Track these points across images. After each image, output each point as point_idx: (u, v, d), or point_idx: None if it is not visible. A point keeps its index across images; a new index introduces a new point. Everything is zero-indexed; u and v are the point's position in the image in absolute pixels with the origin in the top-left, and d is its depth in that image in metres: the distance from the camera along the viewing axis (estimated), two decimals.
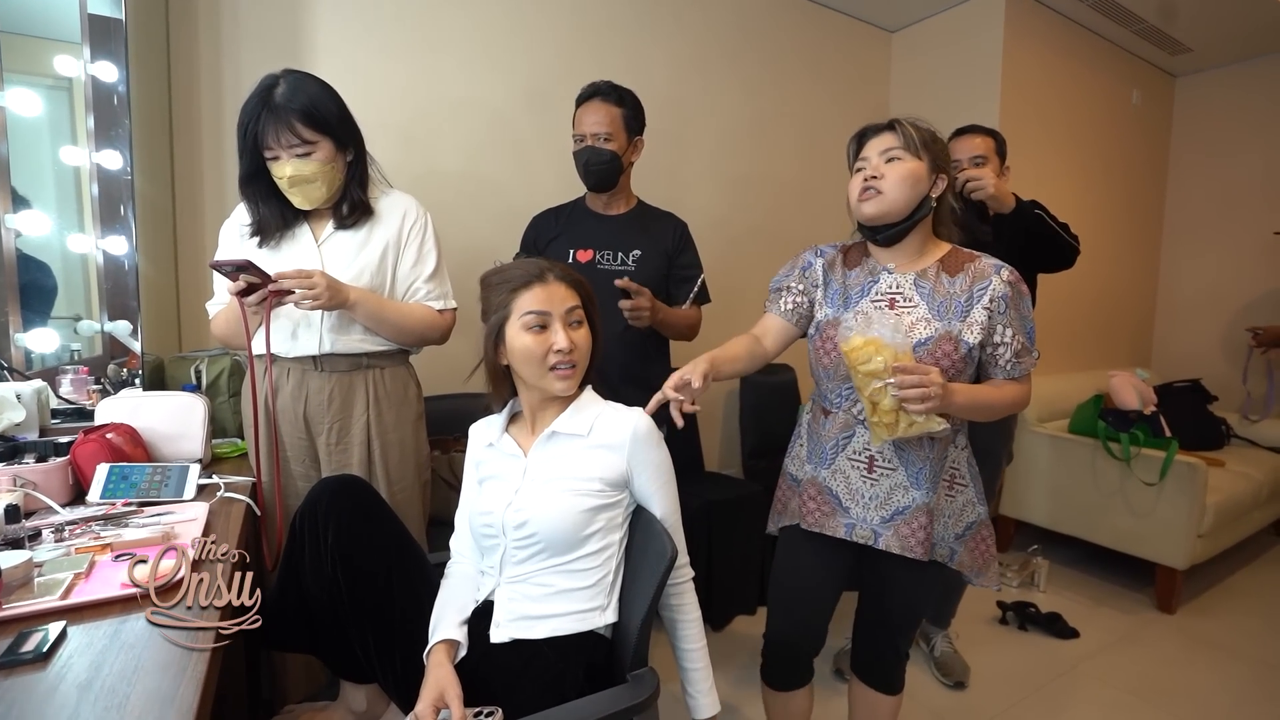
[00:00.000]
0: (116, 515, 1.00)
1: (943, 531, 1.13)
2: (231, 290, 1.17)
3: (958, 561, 1.14)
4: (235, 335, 1.26)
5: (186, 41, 1.77)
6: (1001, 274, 1.07)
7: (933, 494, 1.10)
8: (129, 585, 0.77)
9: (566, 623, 0.94)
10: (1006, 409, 1.10)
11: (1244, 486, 2.53)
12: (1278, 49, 3.30)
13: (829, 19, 2.99)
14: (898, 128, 1.09)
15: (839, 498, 1.16)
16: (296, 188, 1.22)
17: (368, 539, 0.98)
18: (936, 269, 1.10)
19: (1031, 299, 1.73)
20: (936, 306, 1.08)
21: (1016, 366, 1.08)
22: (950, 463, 1.13)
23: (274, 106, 1.18)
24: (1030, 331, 1.10)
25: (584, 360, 1.01)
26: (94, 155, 1.62)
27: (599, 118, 1.57)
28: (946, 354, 1.04)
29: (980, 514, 1.16)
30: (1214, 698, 1.85)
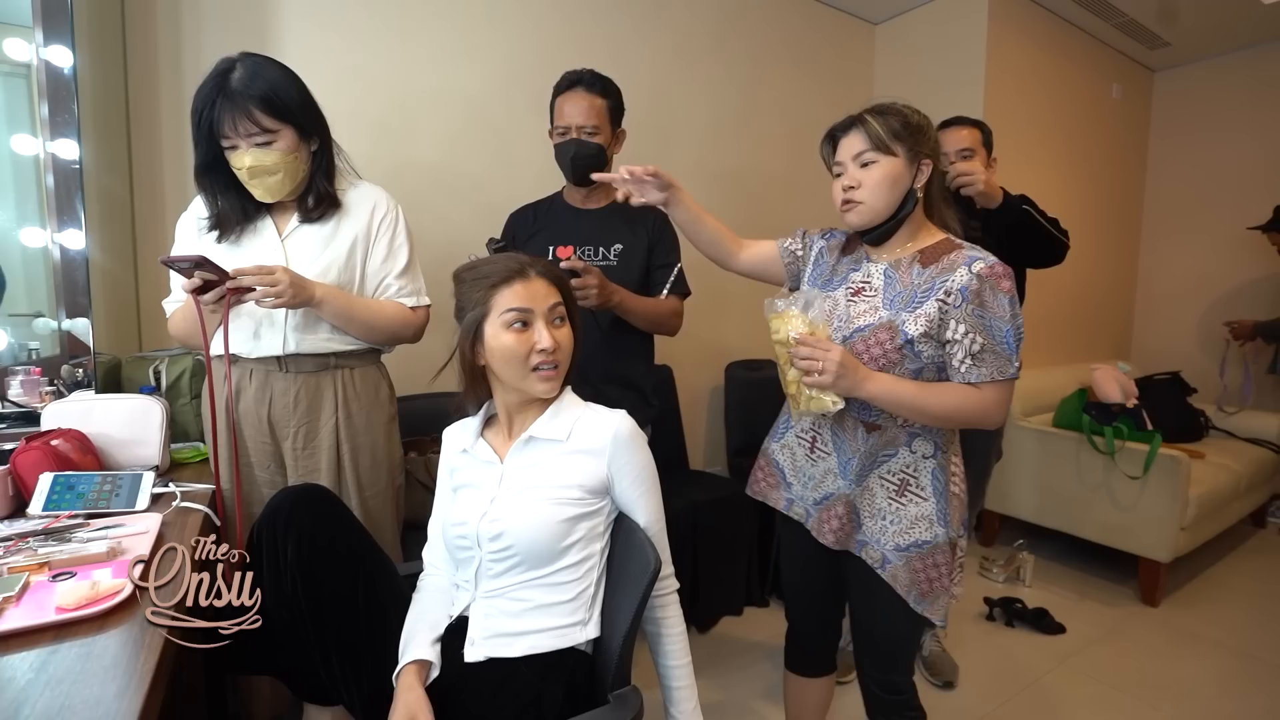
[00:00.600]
0: (59, 529, 0.93)
1: (878, 534, 1.07)
2: (186, 288, 1.09)
3: (889, 573, 1.05)
4: (194, 334, 1.19)
5: (143, 24, 1.68)
6: (973, 266, 0.97)
7: (857, 487, 1.08)
8: (64, 610, 0.70)
9: (545, 639, 0.89)
10: (947, 415, 0.99)
11: (1224, 478, 2.55)
12: (1253, 43, 3.32)
13: (812, 10, 2.95)
14: (863, 126, 1.02)
15: (783, 472, 1.17)
16: (257, 179, 1.15)
17: (331, 553, 0.92)
18: (911, 259, 1.04)
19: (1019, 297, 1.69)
20: (892, 296, 1.03)
21: (973, 370, 0.97)
22: (901, 465, 1.06)
23: (231, 93, 1.10)
24: (1005, 334, 0.97)
25: (567, 361, 0.96)
26: (48, 145, 1.53)
27: (583, 108, 1.50)
28: (880, 342, 1.00)
29: (938, 536, 1.04)
30: (1199, 690, 1.85)
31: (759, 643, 2.04)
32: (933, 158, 1.03)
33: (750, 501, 1.27)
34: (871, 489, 1.08)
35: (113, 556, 0.87)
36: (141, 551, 0.88)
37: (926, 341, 0.99)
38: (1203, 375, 3.34)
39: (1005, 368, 0.97)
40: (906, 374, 1.01)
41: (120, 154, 1.69)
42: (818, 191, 3.05)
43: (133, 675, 0.62)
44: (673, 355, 2.52)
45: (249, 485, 1.24)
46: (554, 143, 1.55)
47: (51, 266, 1.57)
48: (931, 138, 1.04)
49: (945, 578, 1.06)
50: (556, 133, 1.54)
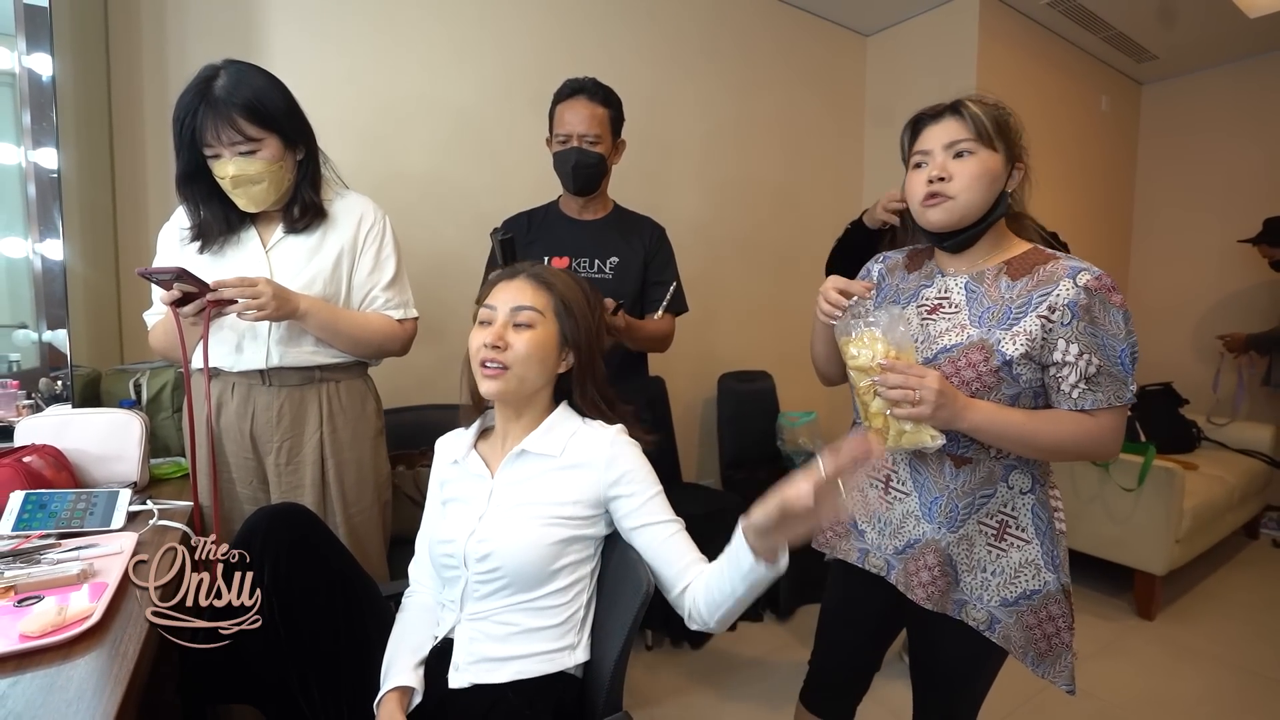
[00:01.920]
0: (28, 550, 0.89)
1: (979, 589, 0.93)
2: (165, 300, 1.07)
3: (1001, 634, 0.93)
4: (175, 348, 1.15)
5: (127, 33, 1.66)
6: (1078, 278, 0.85)
7: (948, 532, 0.94)
8: (27, 637, 0.67)
9: (532, 664, 0.86)
10: (1061, 447, 0.87)
11: (1218, 489, 2.55)
12: (1238, 57, 3.37)
13: (805, 22, 2.96)
14: (964, 112, 0.91)
15: (854, 519, 1.03)
16: (240, 189, 1.12)
17: (310, 576, 0.89)
18: (998, 270, 0.92)
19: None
20: (981, 312, 0.91)
21: (1087, 395, 0.86)
22: (1000, 505, 0.93)
23: (214, 100, 1.07)
24: (1120, 354, 0.85)
25: (521, 365, 0.90)
26: (30, 154, 1.50)
27: (585, 116, 1.48)
28: (973, 364, 0.88)
29: (1048, 584, 0.92)
30: (1196, 706, 1.83)
31: (754, 659, 2.01)
32: (1025, 162, 0.94)
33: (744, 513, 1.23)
34: (969, 537, 0.94)
35: (85, 579, 0.83)
36: (114, 574, 0.84)
37: (1026, 363, 0.87)
38: (1194, 386, 3.35)
39: (1122, 392, 0.86)
40: (1003, 400, 0.89)
41: (103, 163, 1.66)
42: (812, 200, 3.07)
43: (97, 710, 0.59)
44: (665, 368, 2.51)
45: (230, 502, 1.21)
46: (553, 150, 1.53)
47: (32, 277, 1.54)
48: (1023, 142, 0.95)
49: (1065, 631, 0.93)
50: (557, 140, 1.52)
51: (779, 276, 2.94)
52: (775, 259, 2.92)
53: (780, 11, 2.87)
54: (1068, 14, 2.89)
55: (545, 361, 0.92)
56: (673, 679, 1.90)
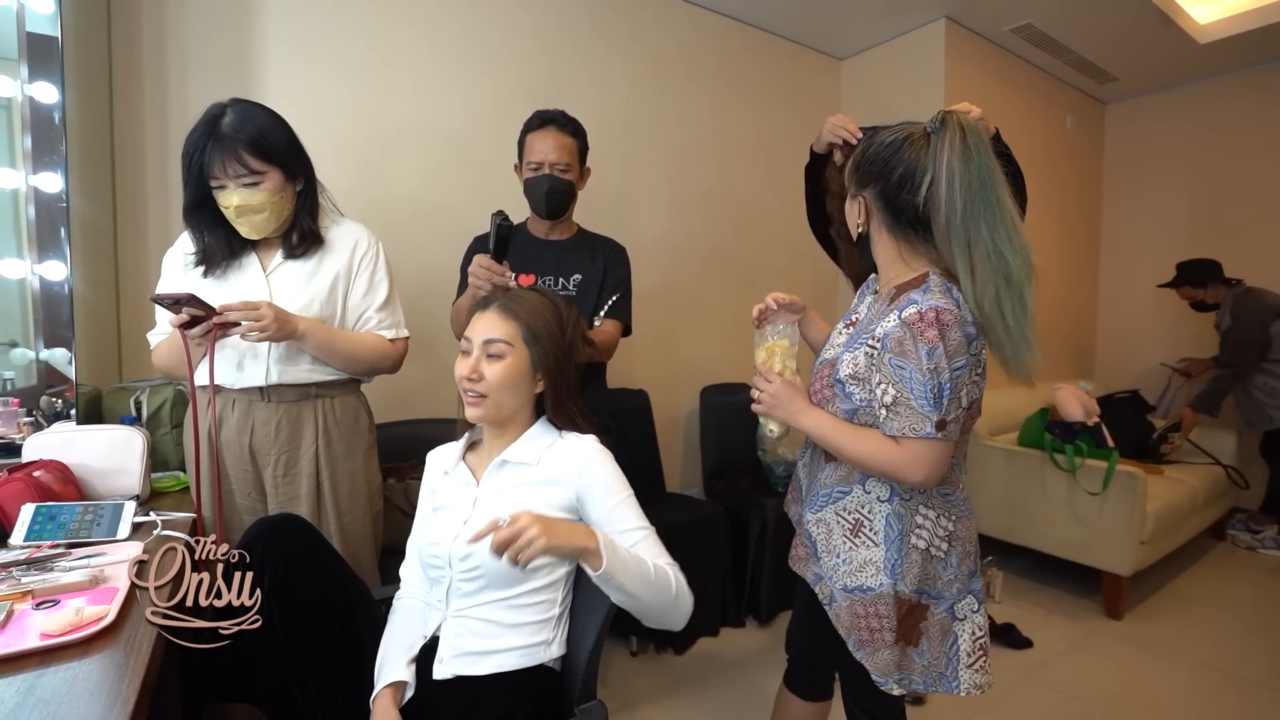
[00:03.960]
0: (41, 559, 0.95)
1: (830, 570, 1.04)
2: (174, 323, 1.14)
3: (834, 612, 1.03)
4: (178, 366, 1.23)
5: (130, 63, 1.73)
6: (904, 312, 0.91)
7: (810, 514, 1.08)
8: (48, 636, 0.73)
9: (511, 658, 0.93)
10: (863, 462, 0.95)
11: (1180, 493, 2.65)
12: (1194, 79, 3.53)
13: (782, 47, 3.09)
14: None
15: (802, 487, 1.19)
16: (244, 217, 1.20)
17: (307, 580, 0.95)
18: (890, 294, 0.99)
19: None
20: (855, 332, 1.03)
21: (889, 422, 0.91)
22: (856, 504, 1.02)
23: (220, 136, 1.16)
24: (922, 389, 0.88)
25: (495, 393, 0.98)
26: (31, 178, 1.56)
27: (555, 145, 1.57)
28: (821, 377, 1.04)
29: (883, 586, 0.98)
30: (1160, 701, 1.91)
31: (736, 663, 2.07)
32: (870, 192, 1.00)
33: (726, 523, 1.30)
34: (828, 523, 1.05)
35: (94, 585, 0.89)
36: (123, 580, 0.90)
37: (857, 384, 0.96)
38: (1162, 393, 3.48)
39: (920, 424, 0.89)
40: (839, 412, 1.00)
41: (104, 188, 1.72)
42: (793, 218, 3.15)
43: (118, 696, 0.65)
44: (649, 379, 2.58)
45: (230, 512, 1.26)
46: (525, 177, 1.62)
47: (31, 297, 1.59)
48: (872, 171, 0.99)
49: (888, 631, 0.98)
50: (528, 168, 1.61)
51: (760, 291, 2.95)
52: (756, 274, 3.01)
53: (758, 37, 2.99)
54: (1030, 39, 3.03)
55: (518, 387, 1.00)
56: (657, 683, 1.96)
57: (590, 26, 2.48)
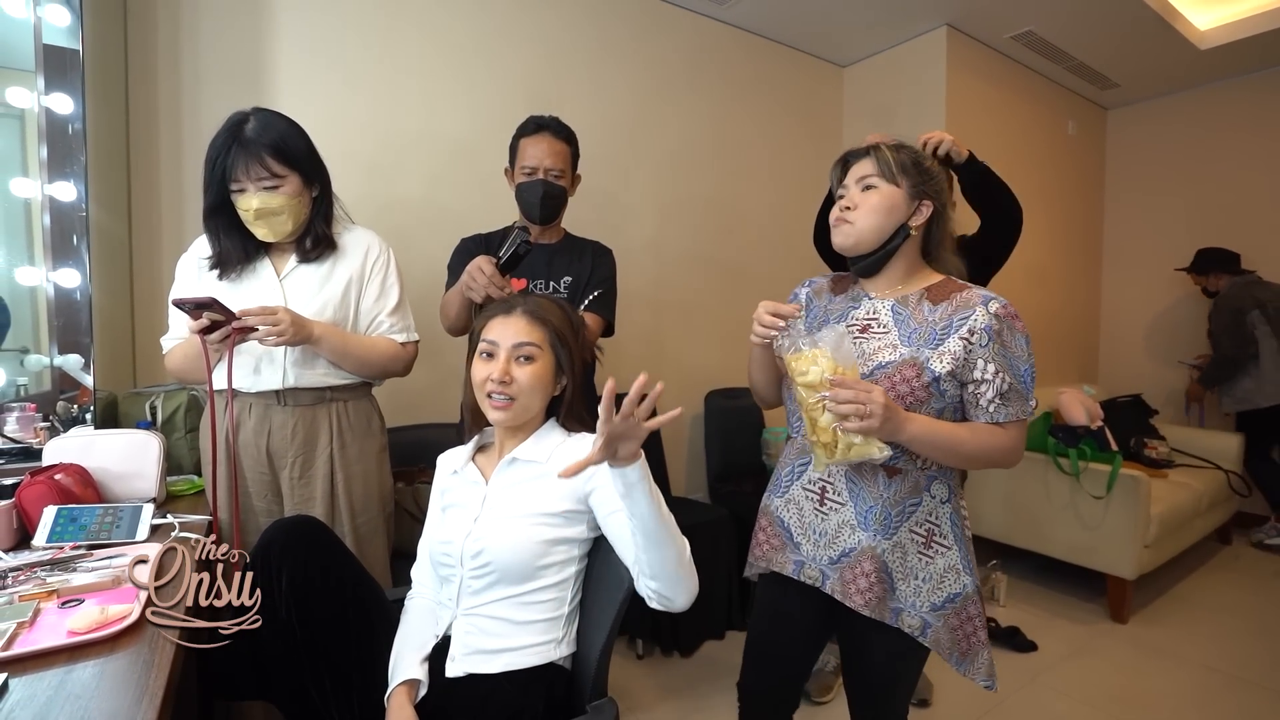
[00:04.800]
0: (64, 560, 0.97)
1: (912, 596, 1.00)
2: (194, 328, 1.16)
3: (932, 638, 0.99)
4: (193, 371, 1.26)
5: (145, 74, 1.77)
6: (989, 306, 0.96)
7: (883, 539, 0.99)
8: (75, 633, 0.75)
9: (522, 656, 0.95)
10: (981, 456, 0.96)
11: (1185, 496, 2.66)
12: (1194, 85, 3.55)
13: (783, 54, 3.12)
14: (874, 154, 1.03)
15: (790, 531, 1.09)
16: (262, 220, 1.23)
17: (323, 581, 0.97)
18: (920, 296, 1.02)
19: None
20: (909, 333, 1.00)
21: (1001, 409, 0.95)
22: (926, 514, 1.00)
23: (244, 141, 1.19)
24: (1024, 374, 0.96)
25: (525, 396, 1.00)
26: (46, 187, 1.59)
27: (550, 151, 1.58)
28: (907, 379, 0.96)
29: (967, 586, 1.00)
30: (1165, 704, 1.92)
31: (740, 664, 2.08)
32: (934, 200, 1.03)
33: (731, 525, 1.26)
34: (902, 545, 1.00)
35: (117, 584, 0.91)
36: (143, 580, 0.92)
37: (950, 380, 0.96)
38: (1164, 398, 3.49)
39: (1026, 406, 0.97)
40: (930, 413, 0.97)
41: (119, 197, 1.75)
42: (796, 225, 3.19)
43: (145, 690, 0.67)
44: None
45: (247, 514, 1.29)
46: (518, 182, 1.62)
47: (45, 304, 1.62)
48: (940, 184, 1.04)
49: (981, 629, 1.01)
50: (523, 172, 1.60)
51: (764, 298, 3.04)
52: (760, 281, 3.04)
53: (760, 45, 3.02)
54: (1030, 46, 3.05)
55: (545, 390, 1.02)
56: (663, 685, 1.97)
57: (594, 35, 2.52)
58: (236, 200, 1.23)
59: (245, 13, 1.87)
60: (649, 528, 0.85)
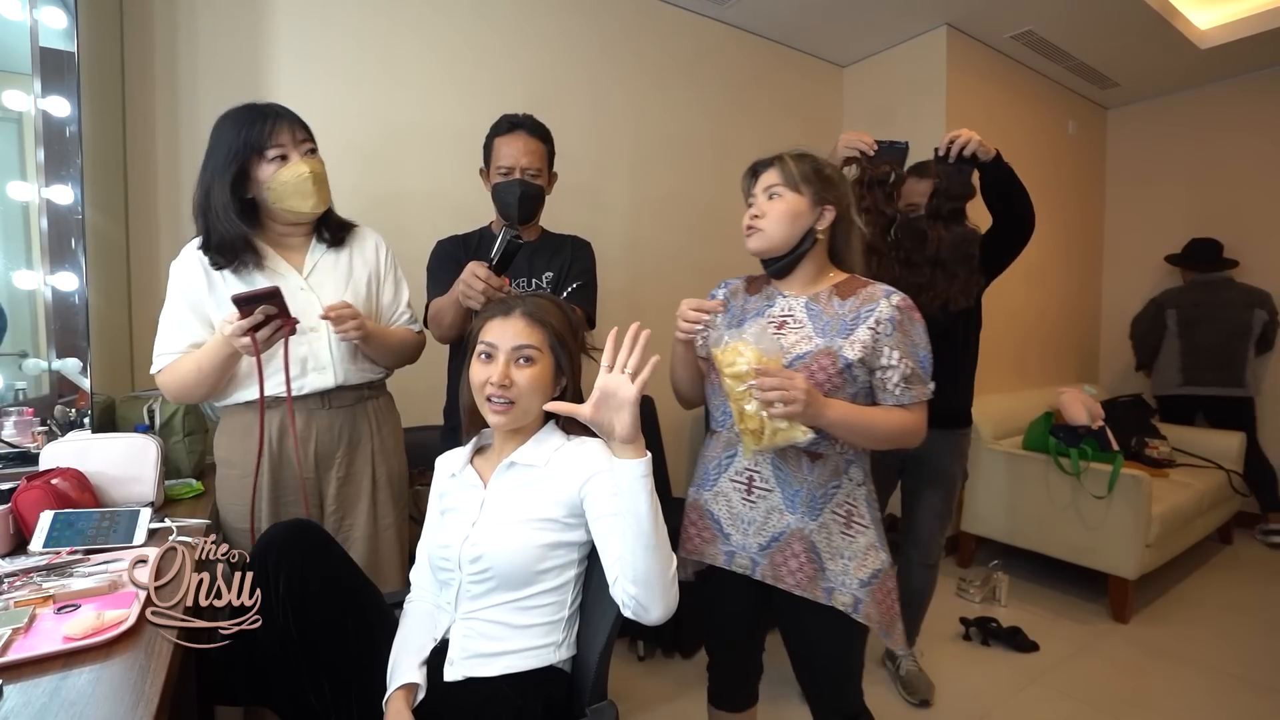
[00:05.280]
0: (60, 565, 0.97)
1: (841, 574, 1.07)
2: (244, 326, 1.09)
3: (863, 613, 1.06)
4: (195, 387, 1.20)
5: (142, 76, 1.76)
6: (891, 299, 1.07)
7: (810, 520, 1.07)
8: (71, 639, 0.75)
9: (521, 660, 0.94)
10: (891, 436, 1.05)
11: (1186, 496, 2.65)
12: (1195, 84, 3.54)
13: (783, 54, 3.11)
14: (778, 164, 1.12)
15: (720, 522, 1.14)
16: (318, 185, 1.22)
17: (321, 585, 0.97)
18: (829, 293, 1.12)
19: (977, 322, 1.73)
20: (822, 326, 1.09)
21: (906, 392, 1.05)
22: (845, 496, 1.09)
23: (278, 110, 1.20)
24: (923, 359, 1.07)
25: (525, 399, 0.99)
26: (44, 190, 1.59)
27: (525, 149, 1.55)
28: (823, 368, 1.05)
29: (884, 562, 1.09)
30: (1166, 704, 1.91)
31: None
32: (837, 206, 1.11)
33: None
34: (828, 526, 1.08)
35: (113, 590, 0.90)
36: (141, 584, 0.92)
37: (861, 366, 1.06)
38: None
39: (926, 389, 1.08)
40: (845, 398, 1.06)
41: (117, 199, 1.75)
42: None
43: (141, 696, 0.66)
44: (655, 387, 2.59)
45: None
46: (494, 182, 1.58)
47: (43, 308, 1.62)
48: (841, 190, 1.13)
49: (896, 603, 1.09)
50: (498, 172, 1.57)
51: None
52: None
53: (760, 45, 3.02)
54: (1031, 46, 3.05)
55: (545, 393, 1.01)
56: (663, 687, 1.97)
57: (593, 35, 2.51)
58: (277, 172, 1.18)
59: (243, 14, 1.87)
60: (644, 529, 0.85)
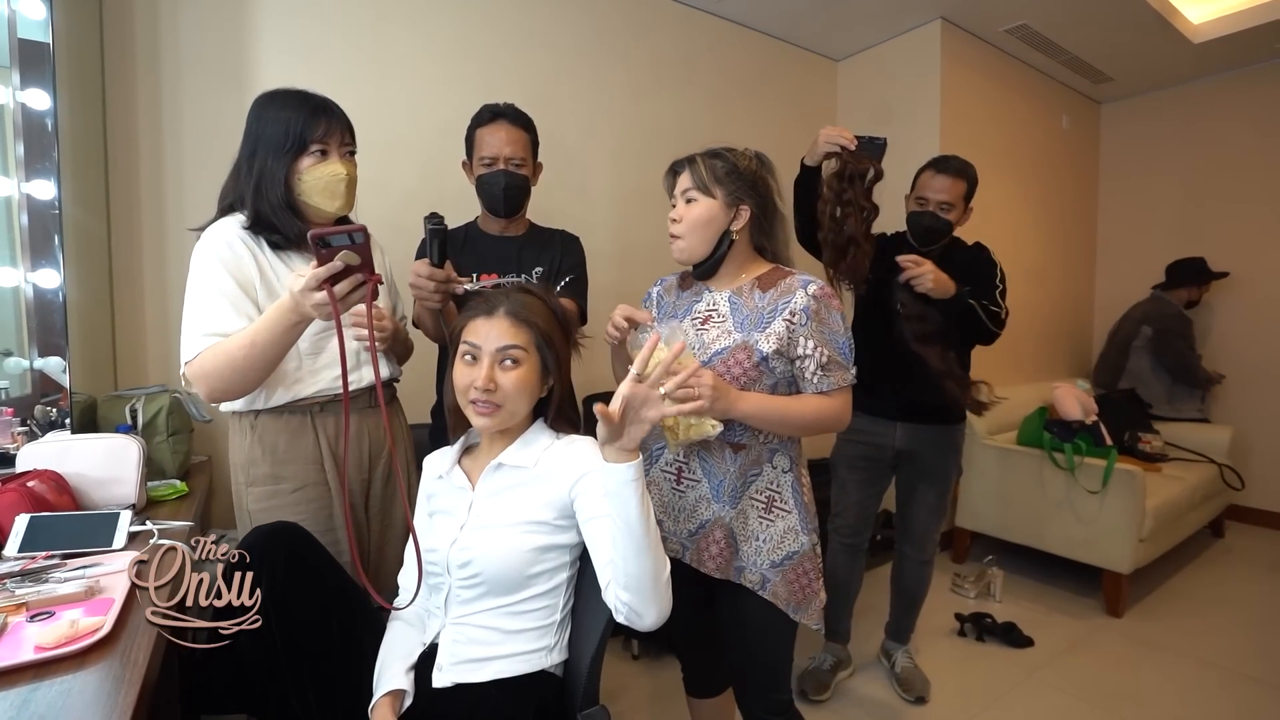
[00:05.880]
0: (36, 570, 0.94)
1: (754, 555, 1.11)
2: (321, 275, 0.89)
3: (770, 591, 1.10)
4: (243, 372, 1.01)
5: (123, 68, 1.72)
6: (808, 289, 1.08)
7: (733, 509, 1.10)
8: (43, 649, 0.72)
9: (512, 664, 0.92)
10: (811, 423, 1.08)
11: (1178, 490, 2.65)
12: (1188, 79, 3.54)
13: (777, 48, 3.09)
14: (690, 167, 1.12)
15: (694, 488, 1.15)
16: (349, 189, 1.17)
17: (304, 588, 0.94)
18: (751, 285, 1.13)
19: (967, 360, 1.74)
20: (741, 319, 1.10)
21: (824, 379, 1.07)
22: (767, 483, 1.12)
23: (333, 107, 1.17)
24: (842, 346, 1.09)
25: (511, 402, 0.96)
26: (23, 185, 1.55)
27: (508, 139, 1.51)
28: (739, 362, 1.06)
29: (803, 545, 1.11)
30: (1160, 698, 1.91)
31: None
32: (752, 203, 1.11)
33: None
34: (745, 511, 1.11)
35: (90, 596, 0.88)
36: (119, 590, 0.89)
37: (778, 358, 1.08)
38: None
39: (846, 375, 1.09)
40: (764, 390, 1.08)
41: (98, 194, 1.71)
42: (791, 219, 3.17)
43: (114, 710, 0.64)
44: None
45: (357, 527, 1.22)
46: (478, 174, 1.55)
47: (24, 306, 1.58)
48: (759, 185, 1.12)
49: (815, 582, 1.13)
50: (481, 164, 1.53)
51: None
52: None
53: (754, 39, 2.99)
54: (1025, 40, 3.04)
55: (531, 394, 0.99)
56: (657, 685, 1.95)
57: (587, 29, 2.48)
58: (314, 166, 1.12)
59: (226, 3, 1.82)
60: (635, 533, 0.82)
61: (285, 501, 1.13)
